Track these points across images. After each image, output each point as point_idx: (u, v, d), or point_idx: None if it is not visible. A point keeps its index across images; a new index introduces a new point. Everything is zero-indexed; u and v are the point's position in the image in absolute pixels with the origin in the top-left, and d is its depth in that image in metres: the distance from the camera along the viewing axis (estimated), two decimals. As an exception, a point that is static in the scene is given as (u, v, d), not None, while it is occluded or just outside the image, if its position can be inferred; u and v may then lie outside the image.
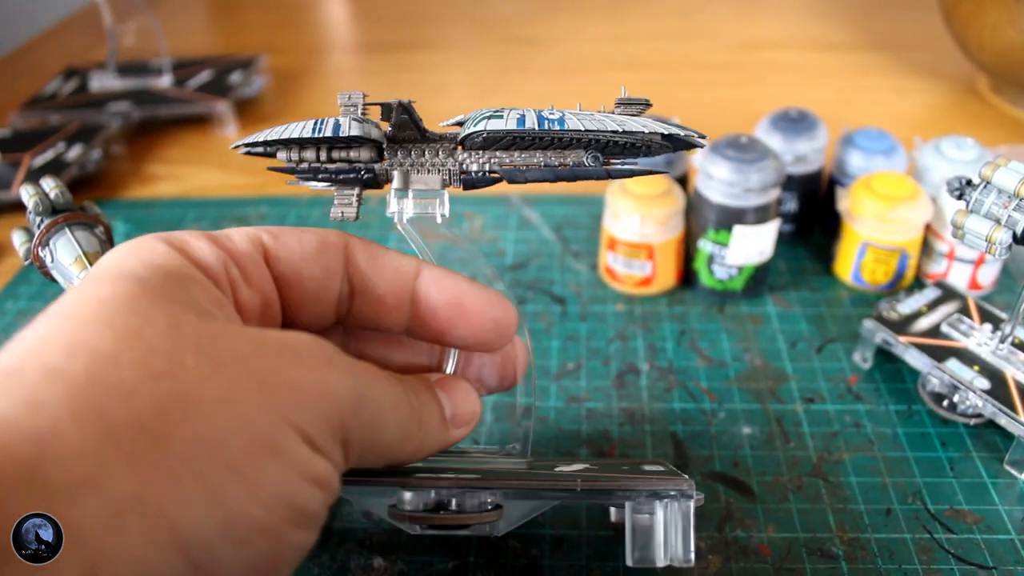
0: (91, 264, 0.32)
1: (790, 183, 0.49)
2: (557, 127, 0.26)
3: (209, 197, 0.61)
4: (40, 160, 0.60)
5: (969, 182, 0.33)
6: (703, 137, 0.27)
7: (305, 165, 0.27)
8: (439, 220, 0.28)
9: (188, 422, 0.18)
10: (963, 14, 0.64)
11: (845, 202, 0.46)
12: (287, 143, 0.26)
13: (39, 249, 0.33)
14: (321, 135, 0.26)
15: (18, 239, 0.34)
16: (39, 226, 0.33)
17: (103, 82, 0.73)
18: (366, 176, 0.27)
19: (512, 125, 0.26)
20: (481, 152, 0.27)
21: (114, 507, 0.16)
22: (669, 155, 0.50)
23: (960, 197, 0.33)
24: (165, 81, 0.72)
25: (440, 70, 0.81)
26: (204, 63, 0.76)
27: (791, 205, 0.51)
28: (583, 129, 0.26)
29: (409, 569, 0.32)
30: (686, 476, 0.29)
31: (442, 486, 0.28)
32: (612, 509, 0.31)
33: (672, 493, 0.27)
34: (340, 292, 0.26)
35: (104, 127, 0.64)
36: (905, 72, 0.76)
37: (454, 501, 0.28)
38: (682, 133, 0.26)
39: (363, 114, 0.26)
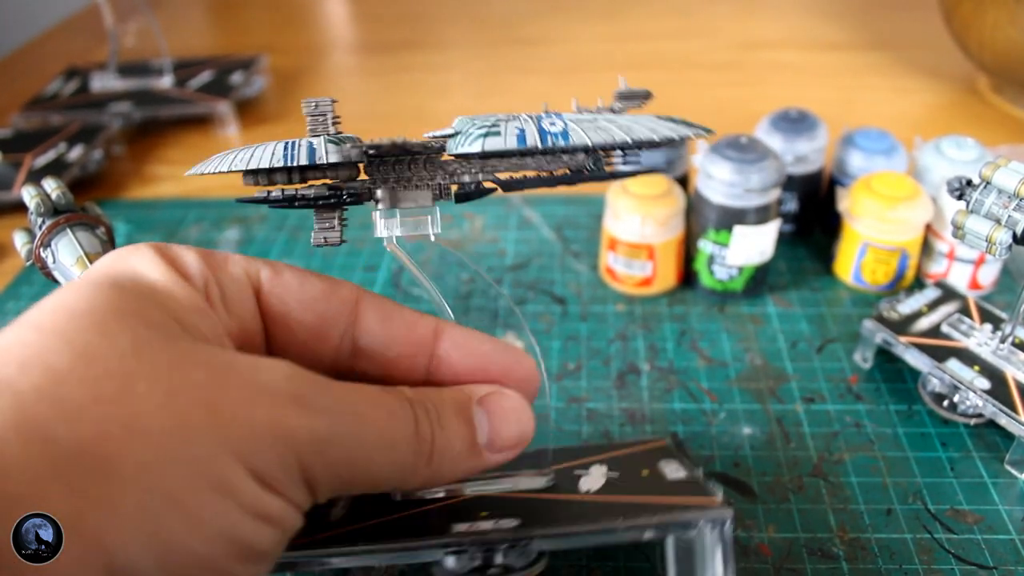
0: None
1: (790, 183, 0.49)
2: (561, 142, 0.24)
3: (210, 198, 0.61)
4: (41, 161, 0.60)
5: (969, 182, 0.33)
6: (709, 131, 0.26)
7: (277, 193, 0.24)
8: (432, 239, 0.26)
9: (131, 450, 0.17)
10: (963, 14, 0.64)
11: (845, 202, 0.46)
12: (254, 173, 0.23)
13: (41, 250, 0.33)
14: (295, 163, 0.23)
15: (20, 240, 0.34)
16: (41, 227, 0.33)
17: (104, 82, 0.73)
18: (348, 199, 0.25)
19: (512, 143, 0.24)
20: (474, 161, 0.25)
21: None
22: (670, 156, 0.51)
23: (960, 197, 0.33)
24: (166, 81, 0.72)
25: (440, 70, 0.82)
26: (205, 63, 0.76)
27: (791, 205, 0.51)
28: (590, 144, 0.24)
29: (410, 569, 0.32)
30: (714, 489, 0.27)
31: (485, 541, 0.25)
32: None
33: (712, 520, 0.26)
34: (339, 347, 0.25)
35: (105, 127, 0.65)
36: (905, 72, 0.76)
37: (498, 557, 0.26)
38: (691, 133, 0.25)
39: (334, 124, 0.24)
